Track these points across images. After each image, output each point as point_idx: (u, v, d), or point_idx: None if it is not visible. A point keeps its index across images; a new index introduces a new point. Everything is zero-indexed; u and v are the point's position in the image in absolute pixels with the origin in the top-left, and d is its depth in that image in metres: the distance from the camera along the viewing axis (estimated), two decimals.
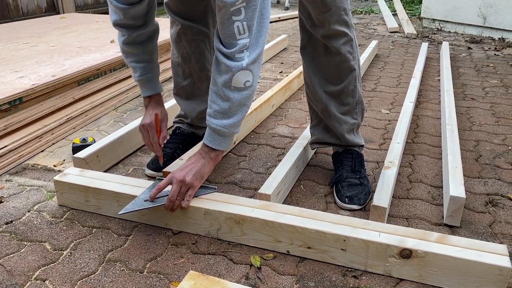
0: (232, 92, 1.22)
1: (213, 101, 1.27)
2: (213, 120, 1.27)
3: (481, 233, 1.39)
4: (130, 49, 1.47)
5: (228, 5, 1.11)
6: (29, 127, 1.89)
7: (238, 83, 1.21)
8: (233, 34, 1.16)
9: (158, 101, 1.55)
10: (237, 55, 1.18)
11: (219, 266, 1.22)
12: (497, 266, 1.07)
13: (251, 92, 1.25)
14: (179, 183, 1.28)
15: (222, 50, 1.19)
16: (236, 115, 1.26)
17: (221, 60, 1.20)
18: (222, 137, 1.30)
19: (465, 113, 2.45)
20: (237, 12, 1.12)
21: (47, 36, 2.98)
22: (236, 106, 1.24)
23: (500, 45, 4.21)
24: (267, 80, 3.04)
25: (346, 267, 1.22)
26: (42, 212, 1.47)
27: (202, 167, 1.31)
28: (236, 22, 1.14)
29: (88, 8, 5.28)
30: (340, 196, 1.53)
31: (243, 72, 1.19)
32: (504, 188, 1.66)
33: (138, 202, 1.31)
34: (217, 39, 1.22)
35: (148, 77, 1.50)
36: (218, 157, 1.34)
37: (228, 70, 1.19)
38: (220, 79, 1.22)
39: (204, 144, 1.32)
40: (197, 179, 1.30)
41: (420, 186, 1.67)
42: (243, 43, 1.16)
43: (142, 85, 1.52)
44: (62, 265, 1.22)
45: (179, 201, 1.28)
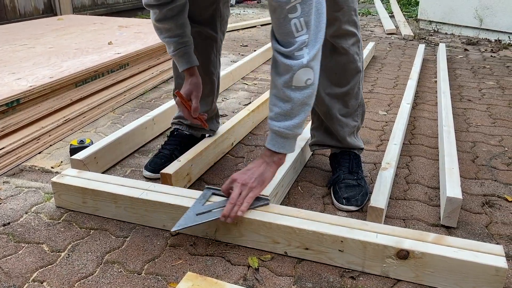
0: (293, 92, 1.19)
1: (274, 103, 1.24)
2: (275, 123, 1.24)
3: (478, 234, 1.40)
4: (162, 25, 1.47)
5: (283, 4, 1.09)
6: (27, 129, 1.89)
7: (299, 82, 1.18)
8: (290, 32, 1.13)
9: (193, 74, 1.54)
10: (296, 53, 1.15)
11: (217, 267, 1.22)
12: (493, 266, 1.08)
13: (312, 91, 1.22)
14: (241, 186, 1.25)
15: (280, 50, 1.17)
16: (298, 116, 1.23)
17: (280, 60, 1.17)
18: (285, 140, 1.26)
19: (461, 114, 2.46)
20: (293, 9, 1.10)
21: (45, 38, 2.97)
22: (298, 106, 1.21)
23: (496, 47, 4.23)
24: (264, 82, 3.05)
25: (344, 268, 1.22)
26: (40, 213, 1.47)
27: (265, 171, 1.28)
28: (293, 20, 1.11)
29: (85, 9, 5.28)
30: (337, 197, 1.53)
31: (303, 70, 1.16)
32: (501, 189, 1.67)
33: (190, 217, 1.26)
34: (274, 39, 1.20)
35: (181, 51, 1.50)
36: (281, 160, 1.30)
37: (288, 70, 1.17)
38: (279, 80, 1.20)
39: (267, 148, 1.28)
40: (259, 183, 1.27)
41: (417, 187, 1.68)
42: (302, 40, 1.14)
43: (178, 59, 1.52)
44: (60, 266, 1.22)
45: (238, 206, 1.23)
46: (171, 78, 3.04)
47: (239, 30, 5.03)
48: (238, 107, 2.54)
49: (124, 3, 5.91)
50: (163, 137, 2.09)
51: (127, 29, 3.32)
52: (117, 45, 2.76)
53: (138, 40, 2.90)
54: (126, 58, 2.54)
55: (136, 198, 1.38)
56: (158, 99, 2.64)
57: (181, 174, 1.59)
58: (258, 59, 3.46)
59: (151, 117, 2.04)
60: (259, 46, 4.06)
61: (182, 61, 1.52)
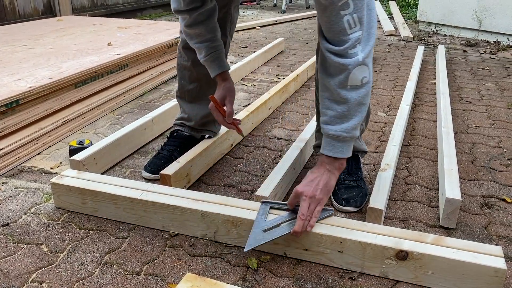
0: (349, 92, 1.16)
1: (327, 107, 1.21)
2: (330, 127, 1.21)
3: (477, 235, 1.40)
4: (193, 30, 1.43)
5: (335, 0, 1.07)
6: (26, 130, 1.89)
7: (355, 81, 1.15)
8: (343, 30, 1.10)
9: (226, 79, 1.51)
10: (350, 51, 1.12)
11: (216, 268, 1.22)
12: (492, 267, 1.08)
13: (368, 89, 1.18)
14: (309, 199, 1.20)
15: (333, 49, 1.13)
16: (356, 116, 1.20)
17: (332, 60, 1.14)
18: (343, 143, 1.22)
19: (461, 115, 2.46)
20: (345, 5, 1.08)
21: (44, 39, 2.98)
22: (354, 106, 1.18)
23: (495, 48, 4.24)
24: (264, 83, 3.05)
25: (343, 269, 1.22)
26: (39, 214, 1.46)
27: (329, 180, 1.24)
28: (345, 17, 1.09)
29: (85, 10, 5.28)
30: (337, 198, 1.53)
31: (359, 67, 1.13)
32: (500, 190, 1.67)
33: (258, 234, 1.20)
34: (323, 39, 1.16)
35: (213, 56, 1.46)
36: (343, 165, 1.26)
37: (343, 69, 1.14)
38: (333, 81, 1.17)
39: (325, 156, 1.24)
40: (326, 193, 1.23)
41: (416, 188, 1.68)
42: (356, 36, 1.11)
43: (209, 64, 1.48)
44: (59, 267, 1.22)
45: (307, 220, 1.19)
46: (170, 79, 3.04)
47: (239, 32, 5.03)
48: (237, 108, 2.54)
49: (123, 4, 5.91)
50: (162, 138, 2.09)
51: (126, 30, 3.32)
52: (116, 46, 2.77)
53: (138, 41, 2.90)
54: (126, 59, 2.54)
55: (135, 199, 1.38)
56: (157, 100, 2.64)
57: (180, 175, 1.59)
58: (257, 60, 3.46)
59: (150, 118, 2.04)
60: (258, 47, 4.06)
61: (214, 66, 1.48)
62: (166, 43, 2.95)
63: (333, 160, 1.24)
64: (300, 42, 4.53)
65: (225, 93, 1.50)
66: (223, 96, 1.49)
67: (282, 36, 4.62)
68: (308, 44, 4.40)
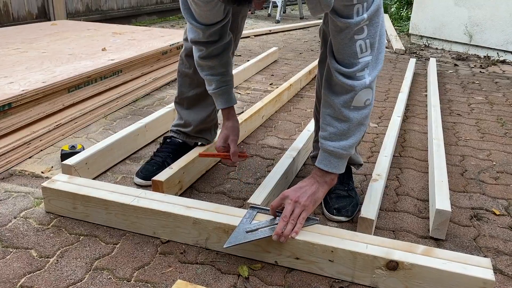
0: (351, 112, 1.20)
1: (328, 123, 1.24)
2: (329, 143, 1.24)
3: (466, 246, 1.41)
4: (206, 63, 1.43)
5: (352, 25, 1.10)
6: (18, 133, 1.88)
7: (359, 102, 1.19)
8: (355, 53, 1.14)
9: (230, 117, 1.49)
10: (358, 73, 1.16)
11: (207, 276, 1.22)
12: (481, 279, 1.09)
13: (369, 111, 1.23)
14: (293, 203, 1.23)
15: (341, 70, 1.17)
16: (354, 136, 1.23)
17: (340, 80, 1.17)
18: (338, 160, 1.26)
19: (451, 128, 2.49)
20: (360, 30, 1.11)
21: (38, 43, 2.97)
22: (355, 126, 1.22)
23: (485, 63, 4.31)
24: (257, 92, 3.07)
25: (334, 278, 1.23)
26: (29, 219, 1.45)
27: (317, 190, 1.26)
28: (358, 41, 1.12)
29: (79, 15, 5.28)
30: (328, 207, 1.54)
31: (365, 90, 1.17)
32: (489, 203, 1.69)
33: (240, 234, 1.22)
34: (333, 60, 1.19)
35: (223, 90, 1.46)
36: (334, 181, 1.29)
37: (349, 90, 1.17)
38: (337, 100, 1.20)
39: (319, 168, 1.27)
40: (311, 202, 1.25)
41: (406, 199, 1.69)
42: (365, 61, 1.15)
43: (217, 97, 1.48)
44: (48, 272, 1.21)
45: (292, 224, 1.21)
46: (164, 85, 3.05)
47: None
48: None
49: (118, 10, 5.92)
50: (155, 144, 2.09)
51: (121, 36, 3.33)
52: (110, 51, 2.77)
53: (132, 47, 2.91)
54: (120, 65, 2.54)
55: (127, 205, 1.37)
56: (150, 106, 2.64)
57: (172, 181, 1.59)
58: (251, 69, 3.48)
59: (143, 124, 2.04)
60: (252, 56, 4.08)
61: (222, 100, 1.48)
62: (161, 50, 2.96)
63: (325, 174, 1.28)
64: (293, 52, 4.56)
65: (228, 133, 1.47)
66: (225, 136, 1.47)
67: (276, 46, 4.65)
68: (301, 54, 4.44)
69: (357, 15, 1.09)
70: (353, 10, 1.09)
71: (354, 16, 1.09)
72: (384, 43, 1.19)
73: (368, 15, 1.10)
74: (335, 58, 1.20)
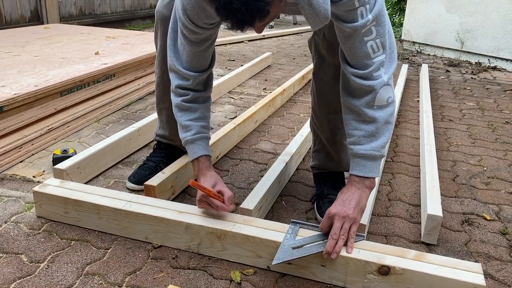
0: (376, 112, 1.20)
1: (355, 127, 1.23)
2: (359, 147, 1.22)
3: (457, 251, 1.42)
4: (190, 106, 1.37)
5: (359, 28, 1.11)
6: (9, 137, 1.86)
7: (381, 101, 1.19)
8: (367, 54, 1.15)
9: (209, 165, 1.38)
10: (374, 73, 1.16)
11: (199, 281, 1.22)
12: (472, 283, 1.10)
13: (393, 108, 1.23)
14: (341, 219, 1.19)
15: (357, 73, 1.18)
16: (384, 135, 1.22)
17: (358, 83, 1.18)
18: (373, 162, 1.23)
19: (443, 134, 2.51)
20: (368, 32, 1.12)
21: (30, 46, 2.95)
22: (382, 125, 1.21)
23: (476, 69, 4.35)
24: (251, 96, 3.07)
25: (326, 283, 1.23)
26: (20, 223, 1.44)
27: (360, 198, 1.22)
28: (369, 42, 1.13)
29: (73, 19, 5.26)
30: (321, 212, 1.54)
31: (385, 88, 1.18)
32: (480, 208, 1.70)
33: (287, 250, 1.18)
34: (347, 65, 1.20)
35: (202, 136, 1.38)
36: (373, 183, 1.26)
37: (368, 91, 1.18)
38: (359, 102, 1.20)
39: (354, 176, 1.25)
40: (359, 212, 1.22)
41: (398, 204, 1.70)
42: (379, 60, 1.16)
43: (195, 145, 1.37)
44: (39, 277, 1.19)
45: (342, 240, 1.17)
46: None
47: (227, 45, 5.06)
48: (224, 120, 2.55)
49: (112, 14, 5.91)
50: (147, 148, 2.08)
51: (114, 40, 3.32)
52: (104, 55, 2.76)
53: (125, 51, 2.90)
54: (113, 69, 2.53)
55: (119, 210, 1.37)
56: (143, 110, 2.63)
57: (165, 186, 1.58)
58: (244, 74, 3.49)
59: (136, 128, 2.04)
60: (246, 61, 4.09)
61: (200, 147, 1.37)
62: (154, 54, 2.95)
63: (363, 179, 1.24)
64: (287, 57, 4.58)
65: (216, 180, 1.35)
66: (214, 182, 1.34)
67: (270, 51, 4.66)
68: (295, 60, 4.45)
69: (362, 17, 1.10)
70: (357, 14, 1.10)
71: (359, 19, 1.10)
72: (394, 41, 1.20)
73: (373, 16, 1.11)
74: (348, 63, 1.20)
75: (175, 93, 1.38)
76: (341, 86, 1.27)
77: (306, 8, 0.99)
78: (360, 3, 1.09)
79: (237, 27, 0.95)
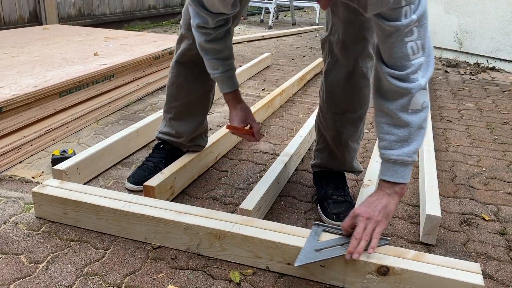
0: (410, 116, 1.17)
1: (387, 132, 1.21)
2: (391, 152, 1.20)
3: (456, 252, 1.43)
4: (213, 45, 1.39)
5: (402, 27, 1.08)
6: (8, 138, 1.86)
7: (416, 105, 1.16)
8: (407, 55, 1.12)
9: (238, 97, 1.49)
10: (412, 76, 1.14)
11: (198, 282, 1.22)
12: (470, 283, 1.10)
13: (427, 113, 1.19)
14: (365, 220, 1.18)
15: (394, 74, 1.15)
16: (416, 140, 1.19)
17: (393, 84, 1.15)
18: (404, 168, 1.21)
19: (441, 134, 2.52)
20: (410, 32, 1.10)
21: (29, 47, 2.95)
22: (415, 130, 1.18)
23: (475, 70, 4.36)
24: (250, 97, 3.07)
25: (325, 283, 1.23)
26: (19, 224, 1.44)
27: (388, 203, 1.21)
28: (409, 43, 1.11)
29: (71, 20, 5.26)
30: (327, 213, 1.54)
31: (421, 92, 1.15)
32: (478, 208, 1.71)
33: (310, 252, 1.18)
34: (383, 65, 1.17)
35: (229, 73, 1.45)
36: (403, 190, 1.24)
37: (404, 93, 1.15)
38: (393, 105, 1.18)
39: (385, 181, 1.23)
40: (384, 216, 1.20)
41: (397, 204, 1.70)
42: (418, 62, 1.13)
43: (223, 81, 1.46)
44: (38, 278, 1.20)
45: (365, 241, 1.16)
46: (156, 90, 3.04)
47: None
48: (223, 121, 2.55)
49: (111, 14, 5.91)
50: (146, 149, 2.08)
51: (113, 41, 3.32)
52: (103, 56, 2.76)
53: (124, 52, 2.90)
54: (112, 70, 2.54)
55: (118, 210, 1.37)
56: (142, 111, 2.63)
57: (164, 186, 1.58)
58: (243, 75, 3.49)
59: (135, 129, 2.04)
60: (245, 61, 4.09)
61: (229, 83, 1.46)
62: (153, 55, 2.96)
63: (393, 185, 1.23)
64: (286, 58, 4.58)
65: (246, 113, 1.48)
66: (244, 117, 1.48)
67: (268, 52, 4.67)
68: (293, 60, 4.46)
69: (405, 17, 1.08)
70: (401, 13, 1.08)
71: (402, 18, 1.08)
72: (432, 45, 1.17)
73: (418, 16, 1.09)
74: (384, 63, 1.18)
75: (196, 31, 1.39)
76: (374, 87, 1.25)
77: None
78: (406, 1, 1.06)
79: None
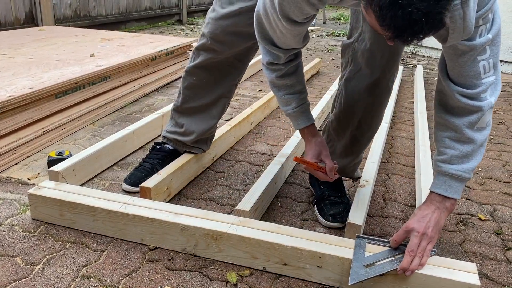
0: (475, 133, 1.17)
1: (449, 146, 1.20)
2: (450, 166, 1.19)
3: (452, 252, 1.43)
4: (284, 81, 1.34)
5: (478, 47, 1.07)
6: (4, 139, 1.86)
7: (482, 123, 1.16)
8: (478, 74, 1.11)
9: (314, 130, 1.40)
10: (482, 94, 1.13)
11: (195, 283, 1.22)
12: (467, 283, 1.11)
13: (489, 132, 1.19)
14: (420, 236, 1.17)
15: (464, 93, 1.14)
16: (476, 158, 1.19)
17: (463, 102, 1.14)
18: (460, 184, 1.20)
19: None
20: (483, 51, 1.09)
21: (25, 48, 2.94)
22: (478, 147, 1.18)
23: None
24: (246, 98, 3.07)
25: (322, 284, 1.23)
26: (15, 226, 1.43)
27: (440, 218, 1.19)
28: (482, 62, 1.10)
29: (67, 21, 5.25)
30: (323, 214, 1.54)
31: (490, 110, 1.15)
32: (474, 208, 1.71)
33: (360, 269, 1.15)
34: (450, 82, 1.16)
35: (303, 108, 1.38)
36: (453, 206, 1.22)
37: (475, 111, 1.14)
38: (460, 121, 1.17)
39: (436, 194, 1.21)
40: (437, 232, 1.19)
41: (394, 204, 1.71)
42: (489, 81, 1.12)
43: (297, 116, 1.38)
44: (34, 280, 1.19)
45: (419, 258, 1.15)
46: (152, 92, 3.04)
47: None
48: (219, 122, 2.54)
49: (107, 16, 5.90)
50: (143, 150, 2.08)
51: (109, 42, 3.32)
52: (99, 57, 2.76)
53: (121, 53, 2.90)
54: (108, 71, 2.53)
55: (114, 212, 1.36)
56: (139, 112, 2.63)
57: (160, 188, 1.58)
58: None
59: (131, 130, 2.04)
60: None
61: (303, 118, 1.39)
62: (149, 56, 2.96)
63: (445, 199, 1.21)
64: None
65: (320, 148, 1.38)
66: (318, 152, 1.37)
67: None
68: None
69: (480, 36, 1.06)
70: (477, 32, 1.06)
71: (477, 37, 1.06)
72: (499, 63, 1.17)
73: (493, 35, 1.07)
74: (452, 81, 1.17)
75: (267, 68, 1.36)
76: (437, 102, 1.25)
77: (458, 22, 0.94)
78: (484, 21, 1.05)
79: (403, 39, 0.85)
